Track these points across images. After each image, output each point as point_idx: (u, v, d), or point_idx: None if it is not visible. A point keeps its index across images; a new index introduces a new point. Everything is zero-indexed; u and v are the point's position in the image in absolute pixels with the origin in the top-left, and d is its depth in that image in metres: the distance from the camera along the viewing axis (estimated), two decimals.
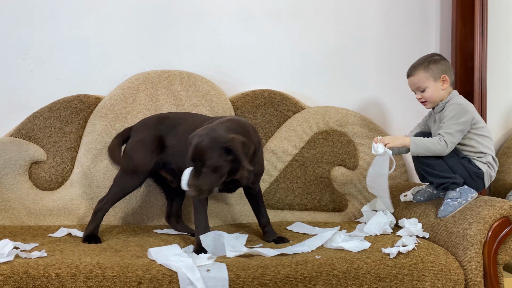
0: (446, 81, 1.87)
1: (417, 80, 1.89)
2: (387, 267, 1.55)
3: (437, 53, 1.96)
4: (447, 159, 1.81)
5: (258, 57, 2.39)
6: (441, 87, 1.87)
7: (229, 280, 1.45)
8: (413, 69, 1.92)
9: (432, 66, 1.87)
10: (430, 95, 1.88)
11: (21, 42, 2.20)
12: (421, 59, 1.93)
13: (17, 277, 1.36)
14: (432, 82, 1.87)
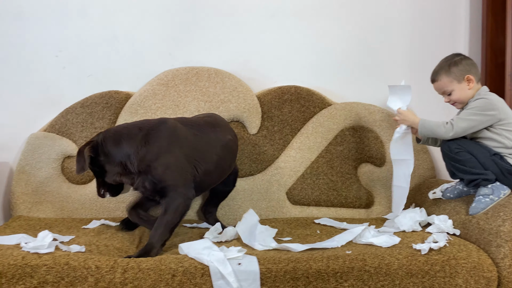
0: (471, 80, 1.85)
1: (441, 85, 1.89)
2: (419, 263, 1.55)
3: (458, 53, 1.93)
4: (479, 155, 1.79)
5: (284, 53, 2.39)
6: (467, 87, 1.85)
7: (260, 273, 1.46)
8: (435, 74, 1.91)
9: (453, 69, 1.85)
10: (458, 97, 1.87)
11: (54, 39, 2.26)
12: (441, 62, 1.91)
13: (59, 267, 1.41)
14: (457, 84, 1.85)
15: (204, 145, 1.79)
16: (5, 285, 1.38)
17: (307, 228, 1.98)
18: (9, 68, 2.23)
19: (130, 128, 1.69)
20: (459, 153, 1.79)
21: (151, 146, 1.65)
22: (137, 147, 1.64)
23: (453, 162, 1.82)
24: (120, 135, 1.66)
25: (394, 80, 2.44)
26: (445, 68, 1.87)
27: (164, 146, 1.67)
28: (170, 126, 1.73)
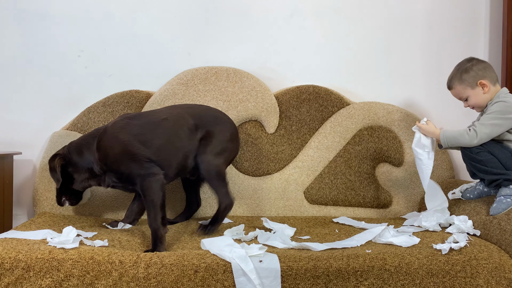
0: (485, 85, 1.85)
1: (457, 92, 1.91)
2: (440, 263, 1.54)
3: (470, 58, 1.92)
4: (500, 155, 1.77)
5: (303, 53, 2.40)
6: (482, 91, 1.85)
7: (281, 271, 1.47)
8: (449, 82, 1.93)
9: (464, 76, 1.86)
10: (475, 102, 1.88)
11: (76, 40, 2.30)
12: (454, 70, 1.92)
13: (84, 262, 1.44)
14: (471, 90, 1.86)
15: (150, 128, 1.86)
16: (33, 278, 1.42)
17: (325, 227, 1.99)
18: (33, 68, 2.28)
19: (87, 139, 1.87)
20: (479, 153, 1.78)
21: (103, 149, 1.81)
22: (95, 153, 1.82)
23: (474, 163, 1.81)
24: (81, 146, 1.86)
25: (411, 80, 2.44)
26: (457, 76, 1.89)
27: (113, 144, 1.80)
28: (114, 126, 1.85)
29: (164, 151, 1.82)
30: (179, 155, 1.87)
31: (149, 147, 1.80)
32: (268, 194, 2.24)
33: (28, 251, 1.46)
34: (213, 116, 2.00)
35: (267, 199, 2.24)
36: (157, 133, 1.83)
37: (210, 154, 1.90)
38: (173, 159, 1.85)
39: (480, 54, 2.45)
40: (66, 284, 1.42)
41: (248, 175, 2.27)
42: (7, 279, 1.41)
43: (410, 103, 2.40)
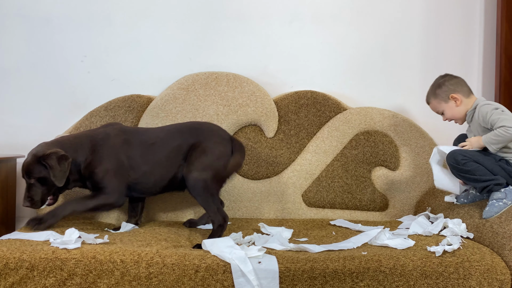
0: (457, 98, 1.96)
1: (433, 107, 2.04)
2: (433, 265, 1.58)
3: (444, 74, 2.04)
4: (485, 162, 1.82)
5: (301, 58, 2.45)
6: (454, 105, 1.97)
7: (279, 272, 1.51)
8: (427, 97, 2.07)
9: (438, 92, 1.99)
10: (451, 115, 1.99)
11: (79, 45, 2.35)
12: (430, 87, 2.05)
13: (86, 261, 1.48)
14: (444, 104, 1.99)
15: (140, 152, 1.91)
16: (37, 277, 1.46)
17: (322, 229, 2.03)
18: (37, 73, 2.33)
19: (81, 140, 1.88)
20: (466, 163, 1.83)
21: (95, 155, 1.85)
22: (88, 155, 1.85)
23: (462, 173, 1.85)
24: (76, 146, 1.86)
25: (407, 86, 2.49)
26: (432, 91, 2.02)
27: (104, 155, 1.86)
28: (114, 140, 1.90)
29: (149, 177, 1.89)
30: (164, 179, 1.92)
31: (137, 172, 1.88)
32: (267, 197, 2.29)
33: (32, 251, 1.50)
34: (203, 131, 1.98)
35: (266, 202, 2.28)
36: (146, 159, 1.89)
37: (195, 170, 1.86)
38: (157, 183, 1.92)
39: (475, 61, 2.51)
40: (69, 283, 1.46)
41: (247, 178, 2.31)
42: (11, 279, 1.45)
43: (406, 108, 2.45)
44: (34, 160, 1.77)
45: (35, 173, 1.77)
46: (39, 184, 1.78)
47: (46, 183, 1.78)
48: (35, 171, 1.77)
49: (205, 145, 1.93)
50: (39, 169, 1.76)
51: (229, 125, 2.31)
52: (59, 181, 1.77)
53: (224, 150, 1.96)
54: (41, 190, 1.79)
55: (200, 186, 1.84)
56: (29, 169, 1.77)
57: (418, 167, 2.34)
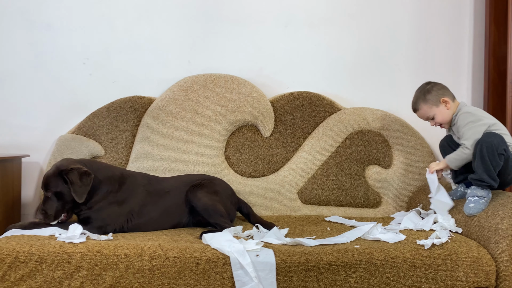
0: (447, 101, 2.05)
1: (423, 113, 2.10)
2: (422, 257, 1.67)
3: (428, 82, 2.12)
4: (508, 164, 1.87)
5: (297, 60, 2.53)
6: (445, 108, 2.05)
7: (276, 264, 1.59)
8: (414, 105, 2.12)
9: (428, 97, 2.06)
10: (441, 119, 2.07)
11: (81, 48, 2.42)
12: (416, 93, 2.12)
13: (92, 255, 1.55)
14: (436, 108, 2.06)
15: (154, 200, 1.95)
16: (46, 270, 1.53)
17: (318, 225, 2.11)
18: (40, 75, 2.40)
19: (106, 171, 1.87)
20: (500, 156, 1.84)
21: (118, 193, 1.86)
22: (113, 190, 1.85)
23: (485, 158, 1.83)
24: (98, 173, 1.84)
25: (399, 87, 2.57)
26: (421, 97, 2.09)
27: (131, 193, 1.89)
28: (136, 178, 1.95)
29: (153, 224, 1.92)
30: (166, 225, 1.95)
31: (142, 218, 1.89)
32: (264, 195, 2.36)
33: (40, 245, 1.57)
34: (206, 177, 2.11)
35: (263, 200, 2.36)
36: (156, 206, 1.93)
37: (202, 194, 1.96)
38: (158, 227, 1.94)
39: (465, 62, 2.59)
40: (76, 275, 1.53)
41: (244, 177, 2.39)
42: (21, 271, 1.52)
43: (398, 108, 2.53)
44: (56, 173, 1.75)
45: (53, 186, 1.75)
46: (56, 198, 1.76)
47: (63, 198, 1.76)
48: (53, 184, 1.75)
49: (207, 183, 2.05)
50: (58, 183, 1.75)
51: (227, 125, 2.39)
52: (79, 197, 1.74)
53: (224, 191, 2.08)
54: (56, 204, 1.76)
55: (210, 205, 1.92)
56: (49, 181, 1.75)
57: (410, 165, 2.42)
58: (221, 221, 1.90)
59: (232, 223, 1.97)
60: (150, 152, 2.32)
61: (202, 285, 1.57)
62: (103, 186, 1.84)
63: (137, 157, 2.32)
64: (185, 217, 2.00)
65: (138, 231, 1.90)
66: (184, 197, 1.99)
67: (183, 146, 2.35)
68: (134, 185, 1.93)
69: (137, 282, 1.55)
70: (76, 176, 1.74)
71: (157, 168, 2.30)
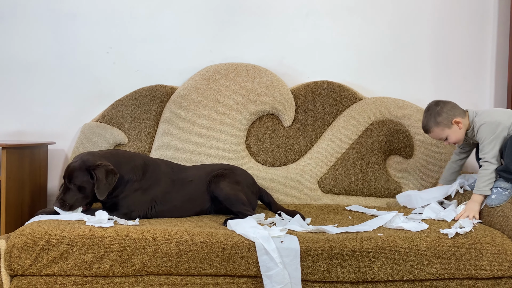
0: (459, 122, 2.00)
1: (436, 135, 2.05)
2: (446, 246, 1.67)
3: (436, 101, 2.05)
4: None
5: (318, 50, 2.53)
6: (457, 128, 2.00)
7: (301, 251, 1.61)
8: (426, 127, 2.06)
9: (439, 119, 2.00)
10: (455, 139, 2.03)
11: (105, 37, 2.45)
12: (426, 115, 2.04)
13: (121, 238, 1.59)
14: (448, 130, 2.01)
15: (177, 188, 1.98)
16: (77, 252, 1.57)
17: (339, 214, 2.12)
18: (65, 64, 2.44)
19: (128, 160, 1.90)
20: None
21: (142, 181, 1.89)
22: (137, 179, 1.88)
23: None
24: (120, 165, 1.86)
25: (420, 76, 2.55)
26: (432, 120, 2.02)
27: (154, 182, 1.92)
28: (160, 166, 1.97)
29: (176, 211, 1.95)
30: (189, 212, 1.99)
31: (165, 205, 1.92)
32: (284, 184, 2.38)
33: (71, 229, 1.61)
34: (228, 166, 2.13)
35: (283, 188, 2.38)
36: (179, 194, 1.96)
37: (224, 184, 1.98)
38: (182, 214, 1.97)
39: (488, 51, 2.56)
40: (106, 258, 1.57)
41: (265, 166, 2.41)
42: (53, 254, 1.56)
43: (420, 97, 2.51)
44: (82, 168, 1.76)
45: (77, 180, 1.76)
46: (77, 190, 1.77)
47: (84, 192, 1.78)
48: (78, 178, 1.76)
49: (229, 172, 2.06)
50: (83, 178, 1.76)
51: (248, 114, 2.41)
52: (101, 194, 1.76)
53: (244, 180, 2.09)
54: (76, 196, 1.77)
55: (232, 195, 1.95)
56: (73, 174, 1.76)
57: (431, 156, 2.41)
58: (243, 209, 1.93)
59: (253, 212, 1.99)
60: (173, 141, 2.35)
61: (227, 269, 1.60)
62: (127, 177, 1.87)
63: (160, 146, 2.35)
64: (207, 205, 2.04)
65: (162, 216, 1.93)
66: (206, 186, 2.02)
67: (205, 135, 2.37)
68: (157, 173, 1.96)
69: (164, 266, 1.58)
70: (102, 173, 1.76)
71: (179, 157, 2.33)
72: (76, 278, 1.58)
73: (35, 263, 1.55)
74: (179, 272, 1.59)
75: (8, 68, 2.41)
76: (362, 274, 1.63)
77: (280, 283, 1.57)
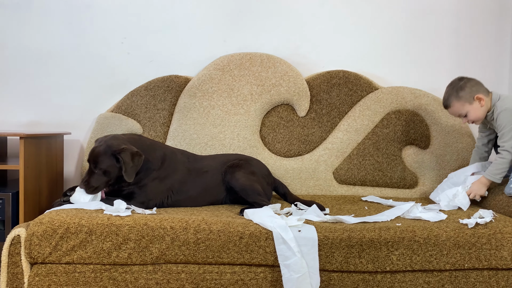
0: (481, 98, 1.97)
1: (455, 110, 2.02)
2: (466, 236, 1.65)
3: (461, 77, 2.03)
4: None
5: (333, 39, 2.50)
6: (479, 105, 1.97)
7: (318, 240, 1.60)
8: (446, 101, 2.03)
9: (461, 94, 1.97)
10: (475, 117, 1.99)
11: (119, 27, 2.44)
12: (448, 90, 2.02)
13: (139, 227, 1.59)
14: (469, 106, 1.98)
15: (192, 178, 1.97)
16: (95, 241, 1.58)
17: (355, 204, 2.10)
18: (80, 54, 2.44)
19: (149, 147, 1.90)
20: None
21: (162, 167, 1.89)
22: (156, 167, 1.88)
23: None
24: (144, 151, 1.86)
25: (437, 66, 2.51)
26: (454, 94, 1.99)
27: (171, 171, 1.92)
28: (176, 156, 1.97)
29: (191, 201, 1.95)
30: (204, 202, 1.99)
31: (181, 195, 1.93)
32: (299, 174, 2.37)
33: (89, 218, 1.62)
34: (243, 157, 2.12)
35: (298, 179, 2.36)
36: (195, 184, 1.96)
37: (240, 174, 1.97)
38: (197, 204, 1.97)
39: (507, 40, 2.51)
40: (124, 247, 1.58)
41: (280, 156, 2.39)
42: (72, 242, 1.57)
43: (436, 87, 2.47)
44: (107, 152, 1.77)
45: (102, 164, 1.78)
46: (102, 174, 1.79)
47: (109, 175, 1.80)
48: (103, 163, 1.77)
49: (244, 163, 2.05)
50: (108, 162, 1.77)
51: (263, 104, 2.39)
52: (129, 177, 1.78)
53: (258, 171, 2.06)
54: (101, 180, 1.79)
55: (248, 185, 1.94)
56: (99, 159, 1.77)
57: (448, 146, 2.38)
58: (259, 199, 1.92)
59: (269, 202, 1.98)
60: (187, 131, 2.35)
61: (245, 258, 1.59)
62: (147, 163, 1.87)
63: (175, 136, 2.35)
64: (222, 195, 2.03)
65: (178, 206, 1.93)
66: (222, 177, 2.02)
67: (219, 125, 2.36)
68: (174, 163, 1.96)
69: (182, 254, 1.59)
70: (128, 156, 1.77)
71: (194, 147, 2.33)
72: (94, 266, 1.58)
73: (54, 251, 1.57)
74: (197, 261, 1.59)
75: (24, 58, 2.42)
76: (380, 264, 1.62)
77: (298, 272, 1.56)
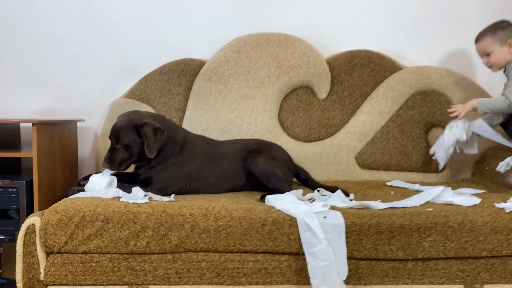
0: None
1: (484, 45, 1.99)
2: (504, 221, 1.55)
3: (504, 19, 2.00)
4: None
5: (354, 17, 2.38)
6: (508, 51, 1.94)
7: (345, 226, 1.51)
8: (480, 35, 2.01)
9: (499, 32, 1.95)
10: (496, 60, 1.97)
11: (132, 10, 2.36)
12: (489, 25, 2.00)
13: (157, 214, 1.53)
14: (498, 47, 1.95)
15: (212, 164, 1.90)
16: (112, 229, 1.51)
17: (380, 189, 2.01)
18: (92, 39, 2.37)
19: (173, 130, 1.84)
20: None
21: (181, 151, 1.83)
22: (175, 151, 1.82)
23: None
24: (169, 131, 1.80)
25: (466, 43, 2.38)
26: (492, 29, 1.98)
27: (189, 156, 1.85)
28: (196, 141, 1.90)
29: (209, 188, 1.87)
30: (223, 189, 1.91)
31: (199, 182, 1.85)
32: (320, 159, 2.27)
33: (105, 205, 1.56)
34: (263, 142, 2.04)
35: (319, 164, 2.27)
36: (214, 171, 1.88)
37: (260, 160, 1.89)
38: (215, 191, 1.89)
39: None
40: (142, 235, 1.51)
41: (299, 141, 2.30)
42: (89, 230, 1.51)
43: (465, 66, 2.35)
44: (128, 126, 1.73)
45: (125, 139, 1.73)
46: (124, 150, 1.74)
47: (131, 151, 1.75)
48: (125, 137, 1.73)
49: (264, 148, 1.97)
50: (130, 136, 1.73)
51: (281, 87, 2.30)
52: (151, 152, 1.72)
53: (280, 157, 1.99)
54: (123, 155, 1.75)
55: (268, 171, 1.87)
56: (120, 133, 1.73)
57: None
58: (280, 185, 1.84)
59: (290, 189, 1.90)
60: (203, 116, 2.27)
61: (268, 246, 1.52)
62: (167, 146, 1.80)
63: (190, 121, 2.27)
64: (241, 181, 1.96)
65: (196, 193, 1.86)
66: (241, 162, 1.94)
67: (236, 110, 2.28)
68: (194, 149, 1.88)
69: (202, 242, 1.52)
70: (150, 130, 1.72)
71: (210, 133, 2.25)
72: (112, 256, 1.53)
73: (70, 240, 1.51)
74: (218, 249, 1.52)
75: (36, 43, 2.36)
76: (411, 251, 1.53)
77: (324, 260, 1.48)
